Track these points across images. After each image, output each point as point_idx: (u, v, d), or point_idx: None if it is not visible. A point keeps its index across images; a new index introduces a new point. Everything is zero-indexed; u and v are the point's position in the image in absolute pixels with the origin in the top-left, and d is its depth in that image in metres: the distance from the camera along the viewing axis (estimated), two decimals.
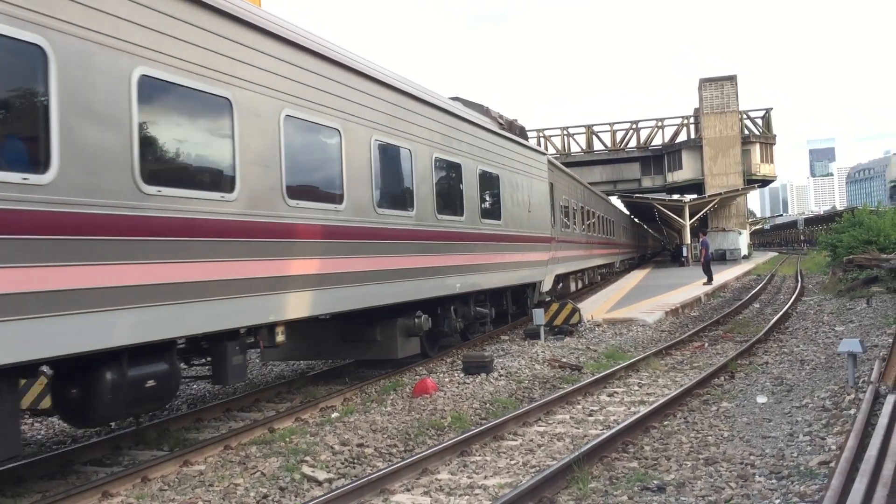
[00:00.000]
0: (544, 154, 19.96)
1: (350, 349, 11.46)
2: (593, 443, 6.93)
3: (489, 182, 14.48)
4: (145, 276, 6.26)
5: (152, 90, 6.50)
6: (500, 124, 16.00)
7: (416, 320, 11.44)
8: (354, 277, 9.42)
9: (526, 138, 18.28)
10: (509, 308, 16.59)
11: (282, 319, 8.22)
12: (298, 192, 8.40)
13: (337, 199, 9.17)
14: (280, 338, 8.53)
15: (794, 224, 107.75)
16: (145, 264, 6.26)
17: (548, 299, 18.64)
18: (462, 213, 12.96)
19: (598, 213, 32.64)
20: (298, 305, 8.38)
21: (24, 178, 5.29)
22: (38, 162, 5.46)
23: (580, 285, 27.30)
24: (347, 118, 9.44)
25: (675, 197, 57.12)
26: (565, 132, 61.01)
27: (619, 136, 60.18)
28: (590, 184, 36.37)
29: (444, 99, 13.00)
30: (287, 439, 7.95)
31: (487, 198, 14.35)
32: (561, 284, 22.39)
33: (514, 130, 17.01)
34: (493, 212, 14.53)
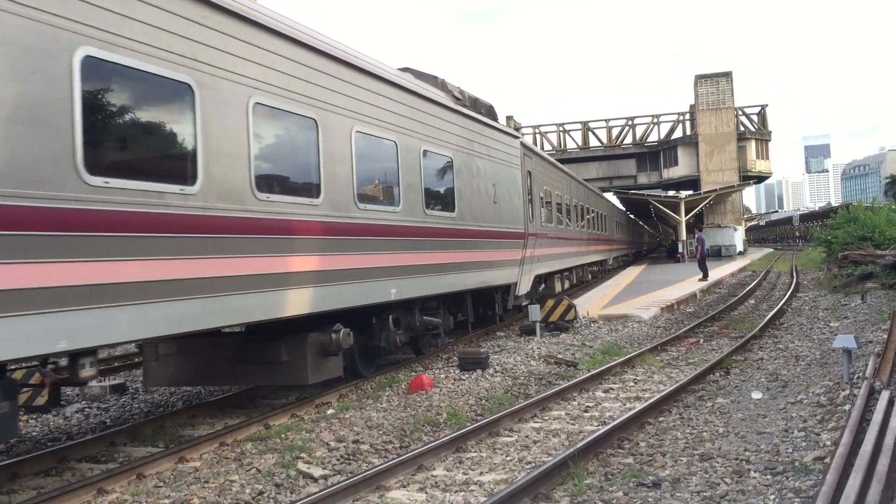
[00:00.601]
0: (517, 137, 17.35)
1: (249, 373, 9.19)
2: (589, 439, 6.94)
3: (437, 166, 12.18)
4: None
5: None
6: (457, 99, 13.70)
7: (334, 336, 9.14)
8: (218, 285, 7.09)
9: (495, 119, 15.92)
10: (470, 316, 14.30)
11: (87, 346, 5.98)
12: (111, 167, 6.15)
13: (187, 179, 6.87)
14: (87, 372, 6.31)
15: (789, 220, 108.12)
16: None
17: (525, 303, 16.96)
18: (397, 202, 10.64)
19: (589, 206, 30.53)
20: (119, 325, 6.12)
21: None
22: None
23: (567, 285, 24.81)
24: (206, 71, 7.10)
25: (671, 193, 57.27)
26: (561, 128, 61.05)
27: (615, 132, 60.25)
28: (586, 180, 35.93)
29: (369, 59, 10.41)
30: (283, 436, 7.94)
31: (435, 185, 12.07)
32: (544, 285, 20.28)
33: (478, 109, 14.77)
34: (442, 202, 12.28)
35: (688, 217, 49.18)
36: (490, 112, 15.64)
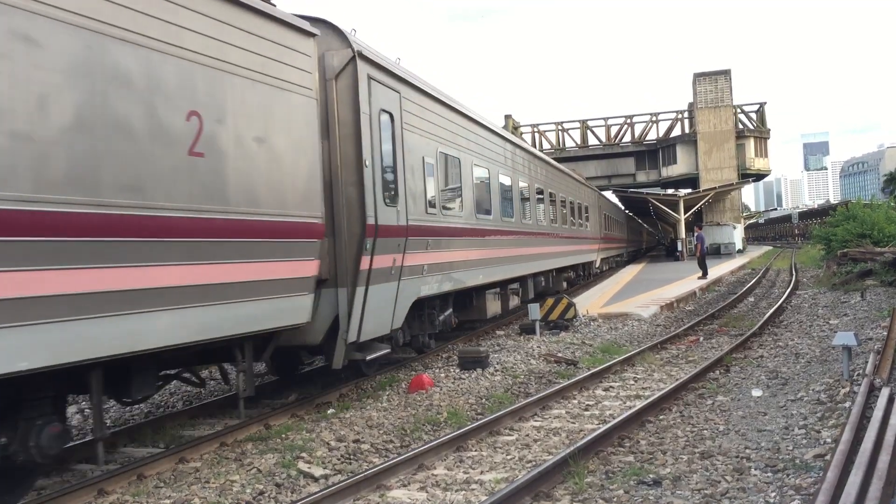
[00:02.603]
0: (310, 34, 8.65)
1: None
2: (589, 437, 6.94)
3: None
4: None
5: None
6: None
7: None
8: None
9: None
10: (133, 396, 7.19)
11: None
12: None
13: None
14: None
15: (788, 218, 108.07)
16: None
17: (383, 352, 9.98)
18: None
19: (555, 192, 22.39)
20: None
21: None
22: None
23: (515, 303, 17.16)
24: None
25: (670, 191, 57.25)
26: (560, 127, 61.06)
27: (614, 130, 60.27)
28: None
29: None
30: (283, 436, 7.94)
31: None
32: (450, 311, 13.17)
33: None
34: None
35: (687, 215, 49.17)
36: None
